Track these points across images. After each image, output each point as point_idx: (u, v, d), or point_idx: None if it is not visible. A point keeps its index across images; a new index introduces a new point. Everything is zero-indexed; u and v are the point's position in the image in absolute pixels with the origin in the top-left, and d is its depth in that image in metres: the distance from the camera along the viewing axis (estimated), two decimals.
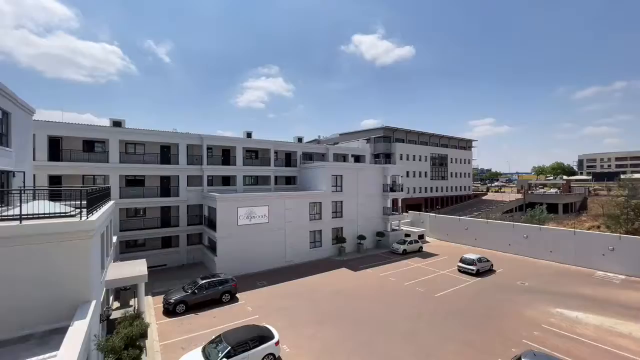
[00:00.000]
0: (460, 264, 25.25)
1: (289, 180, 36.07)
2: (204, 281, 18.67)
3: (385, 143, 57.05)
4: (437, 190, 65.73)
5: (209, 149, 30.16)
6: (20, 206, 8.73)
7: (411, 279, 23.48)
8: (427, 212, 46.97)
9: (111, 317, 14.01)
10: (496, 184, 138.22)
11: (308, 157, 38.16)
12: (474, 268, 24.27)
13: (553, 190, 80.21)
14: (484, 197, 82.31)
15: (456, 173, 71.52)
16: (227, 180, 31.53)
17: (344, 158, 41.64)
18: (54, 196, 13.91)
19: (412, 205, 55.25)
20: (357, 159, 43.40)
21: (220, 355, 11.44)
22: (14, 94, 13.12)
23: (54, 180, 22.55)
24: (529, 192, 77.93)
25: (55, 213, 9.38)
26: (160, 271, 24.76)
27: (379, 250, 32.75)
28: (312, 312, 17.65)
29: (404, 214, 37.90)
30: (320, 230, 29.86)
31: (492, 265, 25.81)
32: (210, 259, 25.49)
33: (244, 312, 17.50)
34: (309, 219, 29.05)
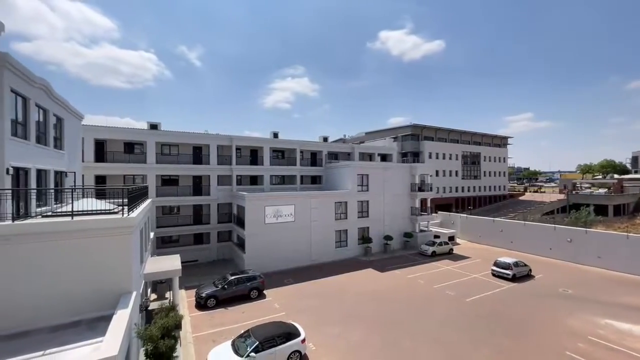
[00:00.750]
0: (495, 268, 23.91)
1: (315, 180, 36.27)
2: (233, 277, 19.33)
3: (413, 141, 55.50)
4: (468, 190, 62.79)
5: (237, 149, 31.16)
6: (72, 203, 9.58)
7: (441, 281, 22.63)
8: (457, 212, 45.04)
9: (149, 308, 14.96)
10: (535, 183, 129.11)
11: (333, 156, 38.12)
12: (509, 272, 22.87)
13: (602, 191, 73.32)
14: (521, 198, 77.26)
15: (490, 172, 67.81)
16: (254, 180, 32.41)
17: (370, 157, 41.08)
18: (100, 194, 15.12)
19: (442, 205, 53.26)
20: (384, 157, 42.61)
21: (248, 349, 11.78)
22: (67, 102, 14.42)
23: (100, 179, 24.51)
24: (573, 192, 71.93)
25: (101, 210, 10.19)
26: (192, 266, 25.99)
27: (407, 251, 31.93)
28: (338, 311, 17.61)
29: (433, 214, 36.59)
30: (346, 230, 29.71)
31: (530, 270, 24.16)
32: (239, 255, 26.34)
33: (271, 309, 17.87)
34: (334, 218, 29.02)
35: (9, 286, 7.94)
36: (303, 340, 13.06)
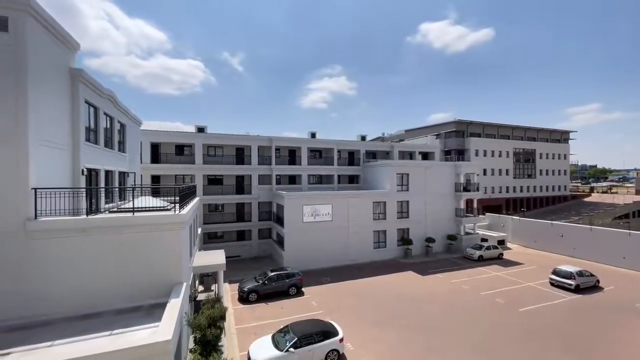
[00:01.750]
0: (554, 277, 21.56)
1: (352, 179, 35.99)
2: (273, 273, 19.97)
3: (457, 138, 52.30)
4: (521, 190, 57.46)
5: (277, 149, 32.12)
6: (133, 201, 10.65)
7: (489, 288, 21.03)
8: (509, 214, 41.47)
9: (197, 299, 16.07)
10: (604, 183, 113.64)
11: (371, 155, 37.46)
12: (572, 282, 20.45)
13: None
14: (586, 199, 68.72)
15: (547, 170, 61.30)
16: (293, 179, 33.12)
17: (410, 155, 39.63)
18: (155, 192, 16.62)
19: (490, 206, 49.46)
20: (425, 156, 40.80)
21: (288, 344, 12.07)
22: (128, 109, 16.07)
23: (155, 179, 26.97)
24: None
25: (156, 207, 11.18)
26: (235, 261, 27.38)
27: (450, 254, 30.23)
28: (377, 313, 17.26)
29: (480, 216, 34.12)
30: (385, 231, 29.01)
31: (597, 281, 21.38)
32: (278, 253, 27.14)
33: (309, 306, 18.13)
34: (372, 218, 28.52)
35: (84, 272, 9.08)
36: (341, 340, 13.03)
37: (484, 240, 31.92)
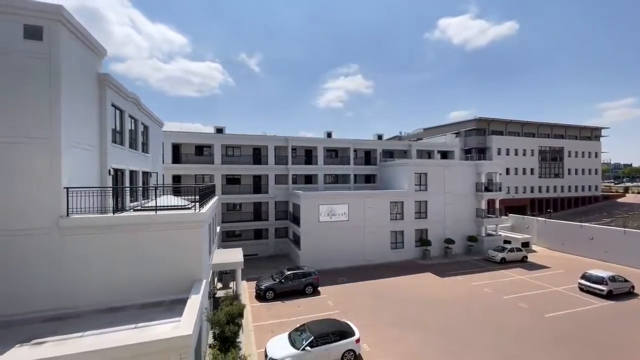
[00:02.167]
0: (583, 282, 20.43)
1: (369, 179, 35.68)
2: (289, 272, 20.14)
3: (478, 136, 50.67)
4: (547, 191, 54.86)
5: (293, 149, 32.35)
6: (156, 200, 11.06)
7: (512, 292, 20.22)
8: (533, 215, 39.70)
9: (216, 296, 16.47)
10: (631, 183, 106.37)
11: (388, 154, 36.97)
12: (603, 288, 19.30)
13: None
14: (620, 200, 64.66)
15: (576, 169, 58.17)
16: (309, 179, 33.25)
17: (428, 154, 38.79)
18: (176, 192, 17.18)
19: (514, 207, 47.59)
20: (445, 155, 39.79)
21: (304, 343, 12.14)
22: (151, 111, 16.70)
23: (176, 178, 27.87)
24: None
25: (177, 206, 11.55)
26: (252, 259, 27.82)
27: (471, 256, 29.32)
28: (394, 314, 17.03)
29: (503, 217, 32.87)
30: (402, 231, 28.55)
31: (632, 287, 20.08)
32: (294, 252, 27.33)
33: (325, 306, 18.14)
34: (389, 218, 28.15)
35: (111, 267, 9.53)
36: (357, 340, 12.95)
37: (506, 242, 30.73)
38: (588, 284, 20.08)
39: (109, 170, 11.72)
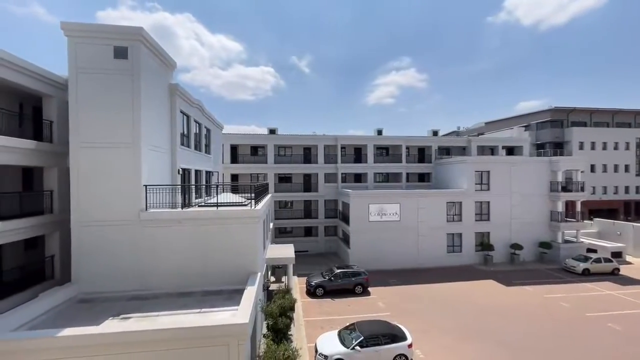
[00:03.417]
0: None
1: (423, 177, 33.93)
2: (339, 270, 20.23)
3: (553, 129, 44.36)
4: None
5: (342, 148, 32.37)
6: (217, 197, 12.07)
7: (597, 309, 17.32)
8: (628, 220, 33.42)
9: (269, 289, 17.35)
10: None
11: (445, 151, 34.68)
12: None
13: None
14: None
15: None
16: (359, 177, 32.93)
17: (491, 151, 35.35)
18: (234, 189, 18.52)
19: (601, 210, 40.70)
20: (511, 151, 35.86)
21: (354, 342, 12.07)
22: (213, 116, 18.25)
23: (234, 177, 30.06)
24: None
25: (235, 202, 12.44)
26: (303, 256, 28.56)
27: (543, 264, 25.93)
28: (450, 321, 15.92)
29: (586, 221, 28.33)
30: (460, 234, 26.52)
31: None
32: (344, 250, 27.35)
33: (375, 307, 17.79)
34: (446, 220, 26.38)
35: (180, 257, 10.69)
36: (410, 345, 12.43)
37: (591, 250, 26.43)
38: None
39: (178, 170, 13.14)
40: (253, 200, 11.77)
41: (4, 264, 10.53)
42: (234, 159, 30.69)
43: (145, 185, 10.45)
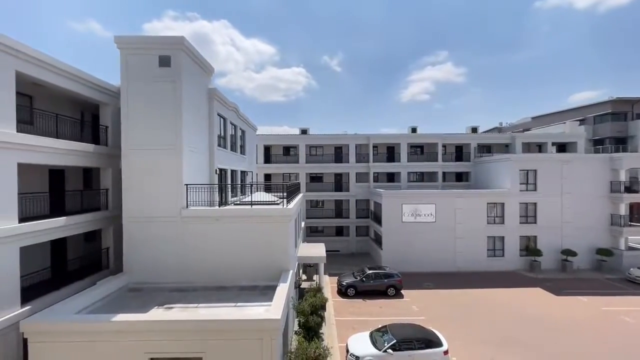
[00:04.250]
0: None
1: (460, 177, 32.26)
2: (371, 271, 19.93)
3: (615, 122, 39.57)
4: None
5: (374, 147, 31.83)
6: (251, 195, 12.52)
7: None
8: None
9: (301, 287, 17.59)
10: None
11: (485, 149, 32.63)
12: None
13: None
14: None
15: None
16: (391, 177, 32.17)
17: (539, 148, 32.57)
18: (267, 189, 19.05)
19: None
20: (563, 147, 32.75)
21: (386, 345, 11.82)
22: (247, 118, 18.93)
23: (267, 177, 30.94)
24: None
25: (268, 201, 12.80)
26: (334, 255, 28.57)
27: (601, 273, 23.32)
28: (490, 330, 14.93)
29: None
30: (502, 237, 24.77)
31: None
32: (376, 251, 26.89)
33: (409, 310, 17.26)
34: (486, 222, 24.79)
35: (217, 252, 11.25)
36: (446, 352, 11.89)
37: None
38: None
39: (216, 170, 13.83)
40: (285, 200, 12.02)
41: (68, 254, 11.88)
42: (267, 159, 31.58)
43: (186, 184, 11.15)
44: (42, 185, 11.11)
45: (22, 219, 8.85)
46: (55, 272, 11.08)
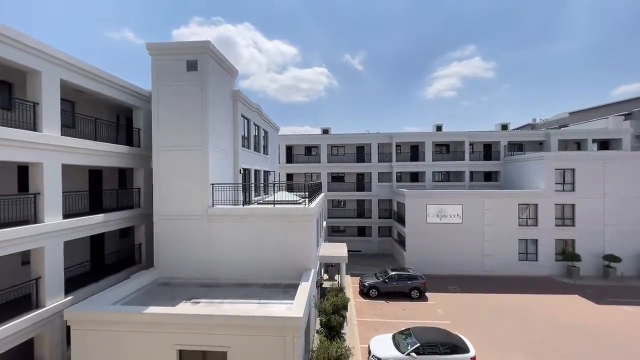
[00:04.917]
0: None
1: (489, 176, 30.82)
2: (393, 272, 19.57)
3: None
4: None
5: (397, 146, 31.20)
6: (274, 195, 12.72)
7: None
8: None
9: (322, 286, 17.62)
10: None
11: (516, 147, 30.95)
12: None
13: None
14: None
15: None
16: (415, 177, 31.39)
17: (577, 145, 30.37)
18: (289, 188, 19.28)
19: None
20: (605, 144, 30.30)
21: (409, 348, 11.55)
22: (270, 118, 19.26)
23: (289, 176, 31.30)
24: None
25: (290, 201, 12.94)
26: (356, 255, 28.32)
27: None
28: (521, 337, 14.14)
29: None
30: (535, 240, 23.37)
31: None
32: (399, 252, 26.35)
33: (433, 314, 16.77)
34: (517, 223, 23.50)
35: (242, 250, 11.55)
36: (473, 358, 11.41)
37: None
38: None
39: (240, 170, 14.19)
40: (307, 199, 12.10)
41: (106, 249, 12.72)
42: (289, 159, 31.96)
43: (212, 184, 11.54)
44: (83, 185, 11.98)
45: (65, 215, 9.60)
46: (94, 265, 11.91)
